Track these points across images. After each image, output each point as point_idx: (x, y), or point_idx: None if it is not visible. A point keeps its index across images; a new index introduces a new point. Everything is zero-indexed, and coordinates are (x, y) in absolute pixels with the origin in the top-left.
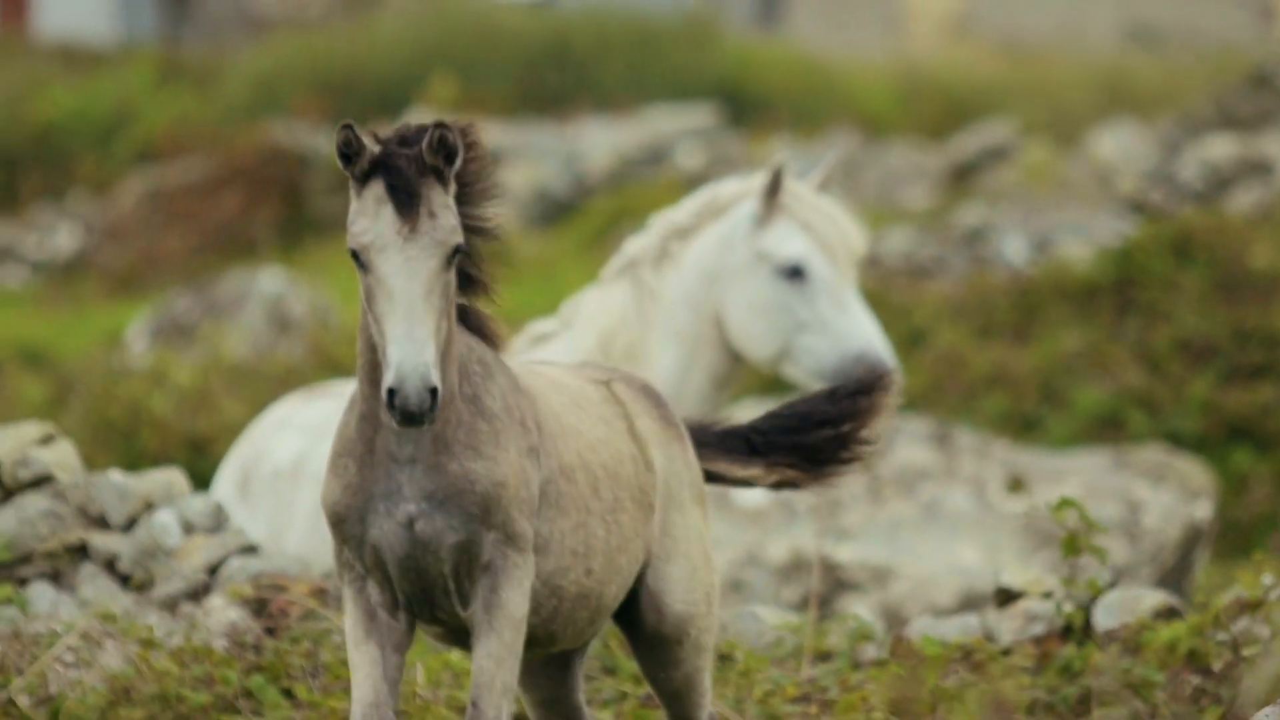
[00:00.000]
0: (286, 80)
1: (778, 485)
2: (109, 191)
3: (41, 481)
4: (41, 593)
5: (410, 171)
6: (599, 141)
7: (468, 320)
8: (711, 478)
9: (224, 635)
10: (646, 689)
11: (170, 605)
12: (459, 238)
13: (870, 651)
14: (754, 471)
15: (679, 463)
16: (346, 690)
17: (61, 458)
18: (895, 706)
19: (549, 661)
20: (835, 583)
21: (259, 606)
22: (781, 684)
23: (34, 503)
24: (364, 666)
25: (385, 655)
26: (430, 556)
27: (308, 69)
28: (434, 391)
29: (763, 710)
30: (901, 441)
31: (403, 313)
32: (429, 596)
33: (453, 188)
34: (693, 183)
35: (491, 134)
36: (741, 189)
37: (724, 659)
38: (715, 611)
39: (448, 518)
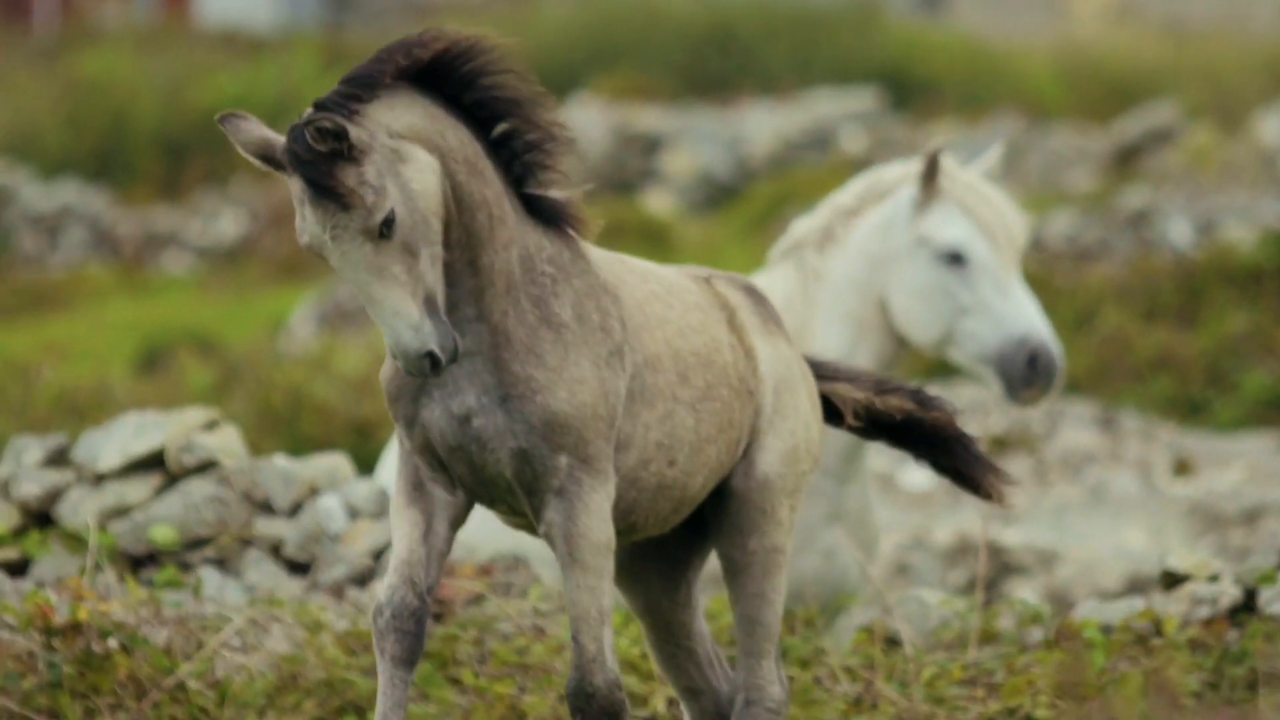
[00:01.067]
0: None
1: (885, 431)
2: (272, 177)
3: (207, 467)
4: (208, 578)
5: (314, 168)
6: (762, 125)
7: (541, 212)
8: (828, 409)
9: None
10: (814, 671)
11: (336, 590)
12: (381, 212)
13: (1036, 635)
14: (866, 395)
15: (785, 353)
16: (513, 676)
17: (226, 443)
18: (1061, 690)
19: (659, 585)
20: (1001, 566)
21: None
22: (948, 667)
23: (199, 488)
24: (402, 528)
25: (430, 523)
26: (488, 455)
27: None
28: (430, 355)
29: (929, 693)
30: (1067, 425)
31: (367, 300)
32: (489, 490)
33: (368, 154)
34: (855, 167)
35: (655, 119)
36: (905, 173)
37: (890, 643)
38: (798, 501)
39: (509, 420)
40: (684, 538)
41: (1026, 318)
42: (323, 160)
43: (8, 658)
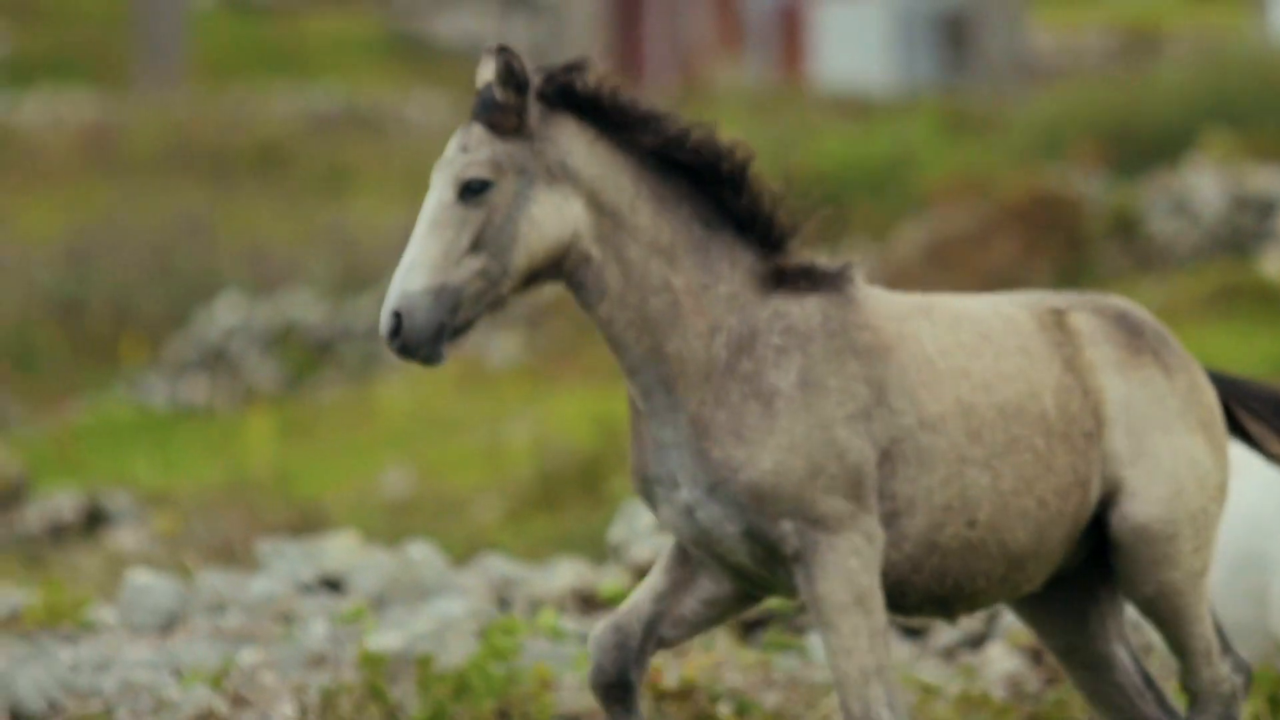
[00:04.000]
0: (1066, 128)
1: None
2: (886, 238)
3: None
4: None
5: (476, 106)
6: None
7: (795, 283)
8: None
9: (1002, 684)
10: None
11: (948, 654)
12: (474, 171)
13: None
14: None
15: (1156, 388)
16: None
17: None
18: None
19: (1067, 623)
20: None
21: (1038, 655)
22: None
23: None
24: (646, 580)
25: (685, 586)
26: (720, 545)
27: (1087, 117)
28: (396, 316)
29: None
30: None
31: (411, 239)
32: (748, 576)
33: (533, 115)
34: None
35: (1271, 180)
36: None
37: None
38: (1202, 541)
39: (723, 507)
40: (1086, 577)
41: None
42: (490, 105)
43: None
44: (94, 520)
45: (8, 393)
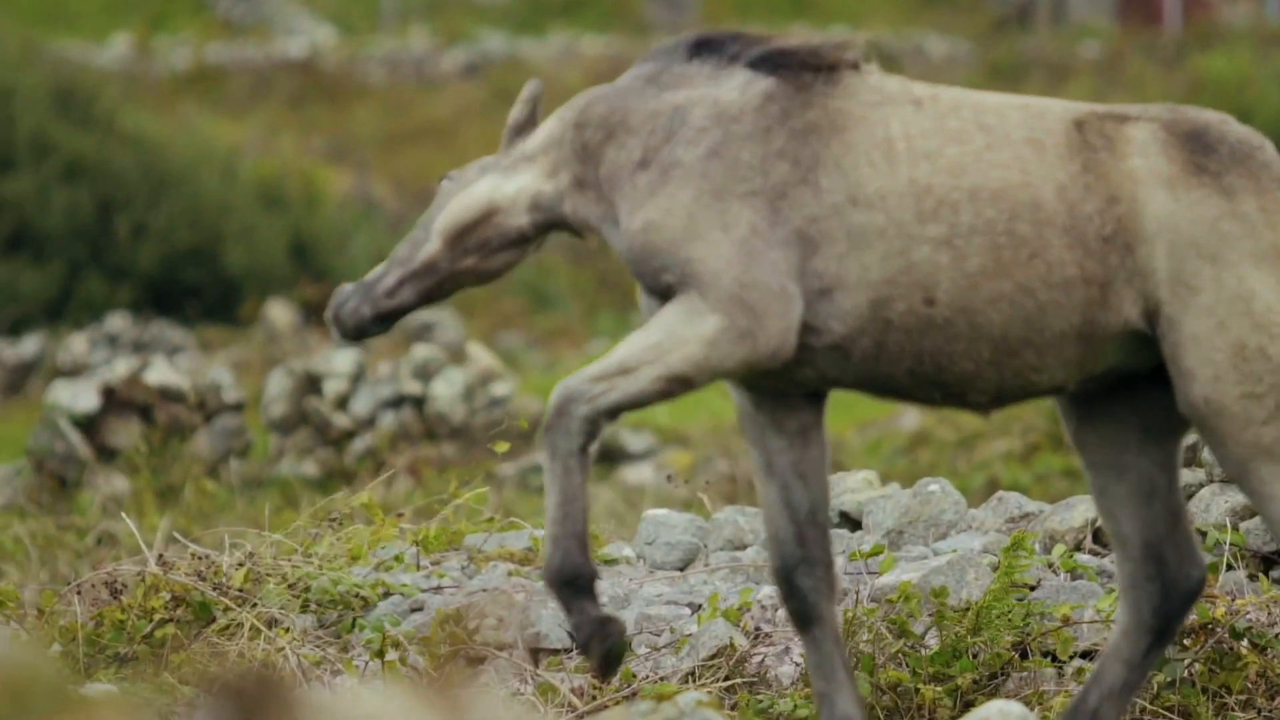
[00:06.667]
0: None
1: None
2: None
3: None
4: None
5: None
6: None
7: (759, 68)
8: None
9: None
10: None
11: None
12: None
13: None
14: None
15: (1209, 210)
16: None
17: None
18: None
19: (1138, 441)
20: None
21: None
22: None
23: None
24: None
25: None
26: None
27: None
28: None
29: None
30: None
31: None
32: None
33: None
34: None
35: None
36: None
37: None
38: (1271, 380)
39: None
40: (1160, 396)
41: None
42: None
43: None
44: (610, 458)
45: (527, 334)
